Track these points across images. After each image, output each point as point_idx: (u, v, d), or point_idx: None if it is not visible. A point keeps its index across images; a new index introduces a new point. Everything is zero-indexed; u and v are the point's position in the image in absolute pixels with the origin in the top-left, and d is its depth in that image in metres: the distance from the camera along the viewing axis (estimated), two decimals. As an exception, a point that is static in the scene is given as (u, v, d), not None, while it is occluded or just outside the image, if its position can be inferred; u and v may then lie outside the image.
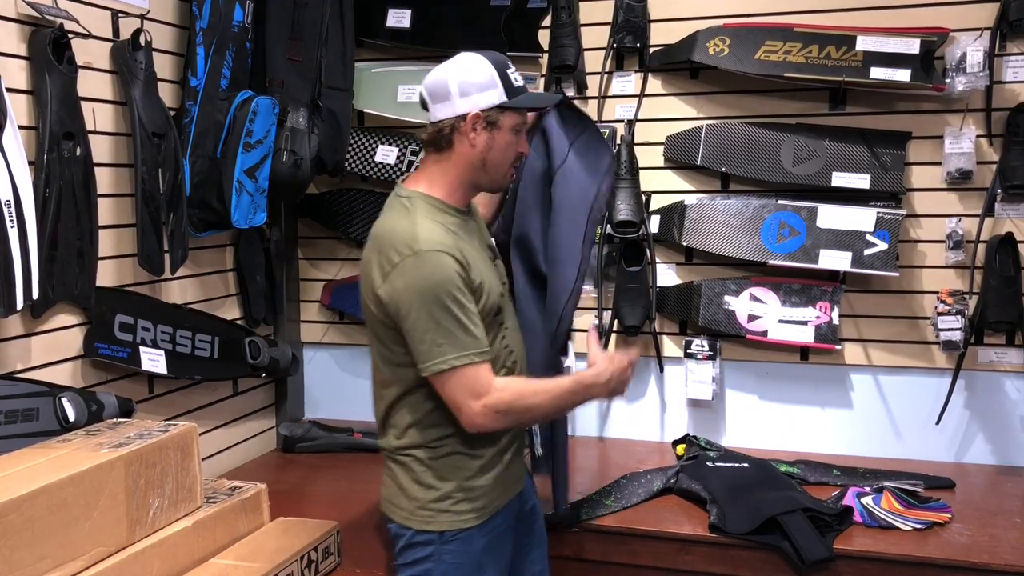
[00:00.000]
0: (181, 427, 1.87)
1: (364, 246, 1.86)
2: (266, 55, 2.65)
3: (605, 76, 2.97)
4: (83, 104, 2.18)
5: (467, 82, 1.76)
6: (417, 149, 3.06)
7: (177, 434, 1.84)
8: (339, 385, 3.31)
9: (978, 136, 2.69)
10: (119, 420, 2.04)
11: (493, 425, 1.76)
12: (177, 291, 2.59)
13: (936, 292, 2.74)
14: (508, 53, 2.92)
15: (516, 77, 1.80)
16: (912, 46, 2.62)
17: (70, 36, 2.13)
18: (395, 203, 1.85)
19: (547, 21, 2.98)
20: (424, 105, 1.84)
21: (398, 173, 3.06)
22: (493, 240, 2.04)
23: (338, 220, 3.18)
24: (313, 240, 3.28)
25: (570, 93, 3.00)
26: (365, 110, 3.08)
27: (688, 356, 2.89)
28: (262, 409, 3.04)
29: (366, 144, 3.09)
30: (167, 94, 2.45)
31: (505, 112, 1.78)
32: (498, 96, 1.76)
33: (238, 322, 2.86)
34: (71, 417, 2.03)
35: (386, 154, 3.08)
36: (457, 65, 1.79)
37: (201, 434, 2.66)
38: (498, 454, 1.88)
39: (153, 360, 2.38)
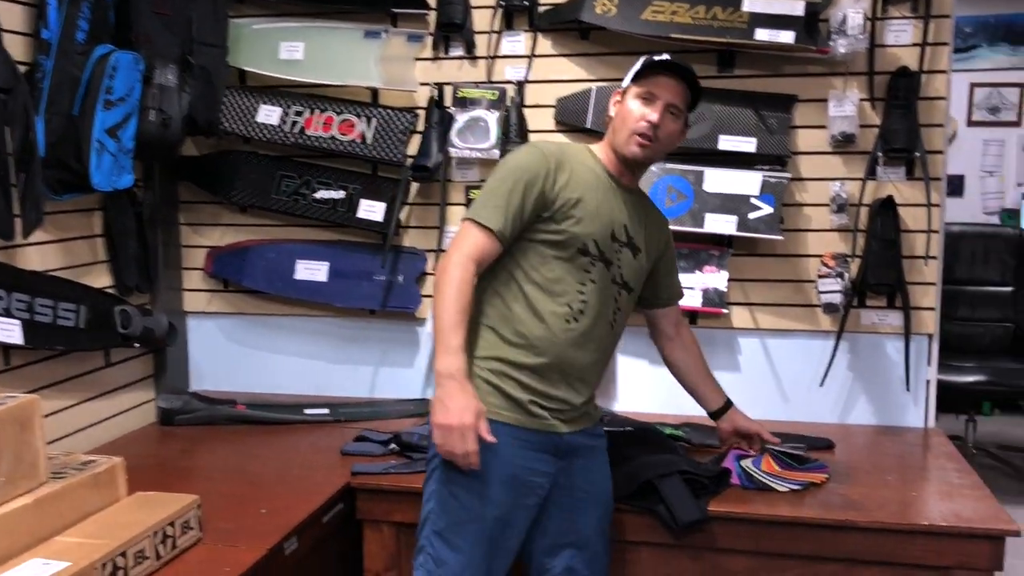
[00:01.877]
0: (20, 399, 1.75)
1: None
2: (130, 7, 2.50)
3: (494, 36, 2.90)
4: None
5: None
6: (301, 109, 2.95)
7: (15, 407, 1.72)
8: (225, 356, 3.20)
9: (861, 100, 2.70)
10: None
11: (437, 278, 1.93)
12: (36, 257, 2.45)
13: (821, 255, 2.76)
14: (393, 10, 2.91)
15: (651, 59, 2.05)
16: (796, 7, 2.61)
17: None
18: None
19: (434, -23, 2.89)
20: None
21: (281, 134, 2.94)
22: (650, 248, 2.16)
23: (220, 184, 3.05)
24: (195, 205, 3.15)
25: (458, 53, 2.92)
26: (245, 68, 2.95)
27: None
28: (139, 381, 2.91)
29: (247, 104, 2.97)
30: (17, 47, 2.29)
31: (632, 85, 2.04)
32: (632, 76, 2.06)
33: (108, 290, 2.73)
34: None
35: (268, 114, 2.96)
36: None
37: (69, 407, 2.57)
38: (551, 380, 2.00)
39: (7, 330, 2.25)
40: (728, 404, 2.38)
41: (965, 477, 2.37)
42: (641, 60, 2.06)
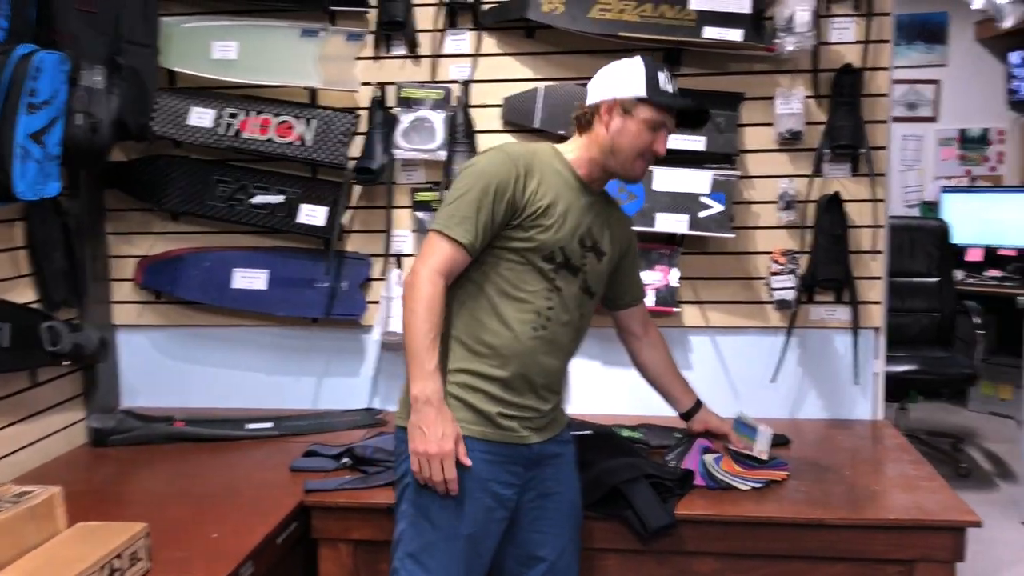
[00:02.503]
0: (-52, 430, 1.62)
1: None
2: (52, 4, 2.34)
3: (438, 34, 2.82)
4: None
5: (615, 74, 1.98)
6: (235, 111, 2.83)
7: (-56, 438, 1.59)
8: (158, 370, 3.05)
9: (807, 97, 2.72)
10: None
11: (405, 287, 1.87)
12: (-45, 273, 2.28)
13: (770, 252, 2.77)
14: (333, 8, 2.81)
15: (666, 81, 1.98)
16: (743, 5, 2.61)
17: None
18: None
19: (374, -26, 2.80)
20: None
21: (215, 137, 2.81)
22: (614, 250, 2.10)
23: (150, 190, 2.90)
24: (123, 213, 2.99)
25: (401, 52, 2.84)
26: (176, 69, 2.81)
27: (530, 325, 2.81)
28: (68, 400, 2.74)
29: (178, 106, 2.83)
30: (-70, 46, 2.13)
31: (641, 105, 1.94)
32: (638, 90, 1.94)
33: (33, 305, 2.56)
34: None
35: (201, 116, 2.82)
36: (614, 63, 2.02)
37: (-7, 433, 2.40)
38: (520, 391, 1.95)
39: (-75, 352, 2.08)
40: (699, 404, 2.37)
41: (921, 469, 2.40)
42: (648, 74, 1.95)
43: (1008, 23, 3.83)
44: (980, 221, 5.30)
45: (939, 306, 4.68)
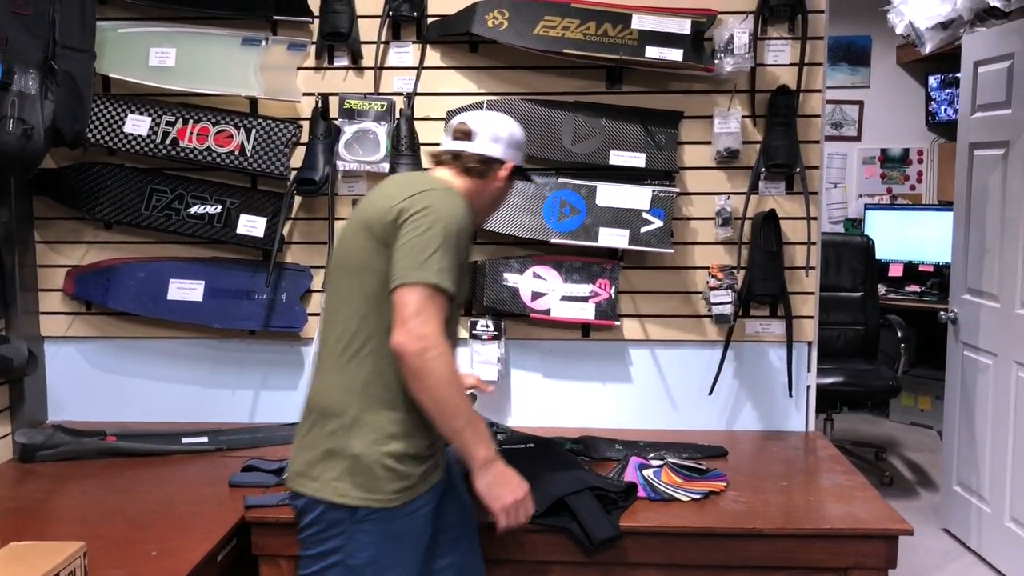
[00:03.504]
0: None
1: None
2: (-16, 6, 2.28)
3: (381, 46, 2.82)
4: None
5: (516, 138, 2.08)
6: (173, 119, 2.77)
7: None
8: (88, 383, 2.96)
9: (744, 116, 2.79)
10: None
11: (418, 354, 1.72)
12: None
13: (707, 267, 2.83)
14: (275, 17, 2.78)
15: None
16: (684, 27, 2.67)
17: None
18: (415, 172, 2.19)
19: (317, -16, 2.78)
20: (465, 134, 2.03)
21: (151, 145, 2.76)
22: None
23: (82, 198, 2.83)
24: (52, 221, 2.90)
25: (344, 63, 2.83)
26: (111, 75, 2.75)
27: (473, 337, 2.82)
28: (-6, 415, 2.65)
29: (113, 113, 2.77)
30: None
31: (514, 172, 2.08)
32: (521, 160, 2.11)
33: (-41, 317, 2.47)
34: None
35: (137, 124, 2.77)
36: (509, 122, 2.09)
37: (-86, 449, 2.30)
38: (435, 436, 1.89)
39: None
40: None
41: (853, 479, 2.47)
42: (524, 143, 2.11)
43: (928, 48, 3.99)
44: (901, 238, 5.50)
45: (863, 320, 4.83)
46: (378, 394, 1.84)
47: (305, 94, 2.82)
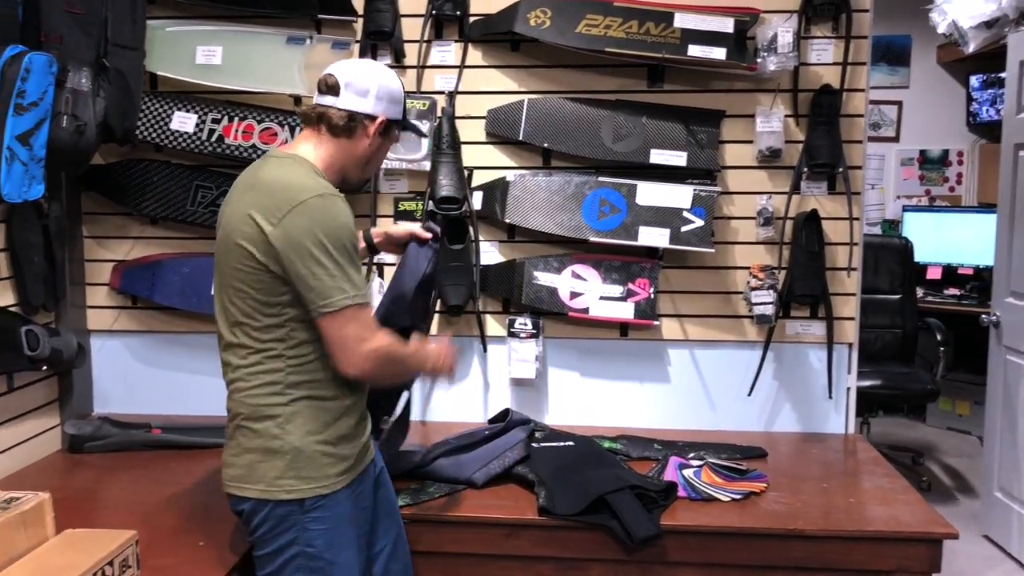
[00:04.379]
0: (-60, 434, 1.59)
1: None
2: (40, 5, 2.32)
3: (424, 45, 2.84)
4: None
5: (387, 90, 1.94)
6: (218, 117, 2.81)
7: (-65, 443, 1.56)
8: (132, 376, 3.01)
9: (786, 116, 2.78)
10: None
11: (373, 371, 1.83)
12: (-66, 275, 2.24)
13: (748, 267, 2.82)
14: (320, 16, 2.81)
15: (414, 124, 2.11)
16: (727, 25, 2.67)
17: None
18: (271, 161, 1.90)
19: (362, -17, 2.81)
20: (331, 88, 1.90)
21: (197, 142, 2.80)
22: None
23: (129, 194, 2.87)
24: (100, 216, 2.96)
25: (387, 61, 2.85)
26: (159, 73, 2.79)
27: (511, 335, 2.83)
28: (43, 406, 2.69)
29: (160, 110, 2.81)
30: (-85, 45, 2.10)
31: (396, 127, 1.99)
32: (398, 113, 1.98)
33: (12, 309, 2.52)
34: None
35: (183, 121, 2.81)
36: (380, 71, 1.96)
37: (-32, 438, 2.36)
38: (360, 415, 1.95)
39: (-96, 355, 2.04)
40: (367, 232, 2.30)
41: (895, 482, 2.46)
42: (404, 95, 2.01)
43: (971, 48, 3.94)
44: (939, 240, 5.43)
45: (901, 323, 4.78)
46: (305, 388, 1.84)
47: (348, 92, 2.84)
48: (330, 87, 1.90)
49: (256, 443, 1.85)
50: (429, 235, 2.20)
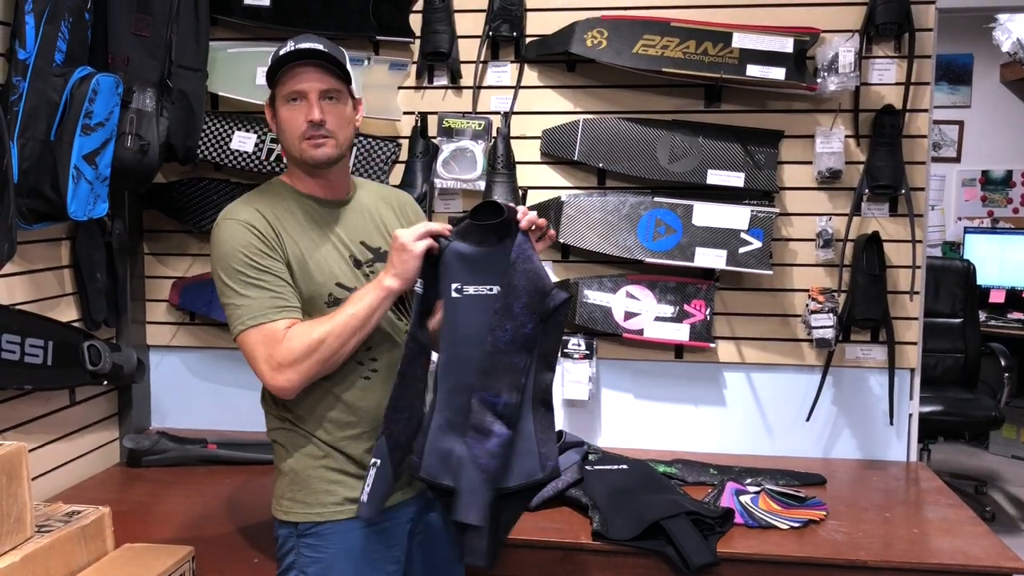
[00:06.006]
0: (7, 447, 1.62)
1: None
2: (108, 28, 2.38)
3: (480, 65, 2.85)
4: None
5: (270, 63, 1.89)
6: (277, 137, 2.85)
7: (2, 456, 1.59)
8: (190, 392, 3.06)
9: (847, 136, 2.73)
10: (-70, 440, 1.76)
11: (292, 380, 1.70)
12: (3, 290, 2.30)
13: (806, 290, 2.77)
14: (377, 37, 2.84)
15: (288, 47, 1.86)
16: (786, 45, 2.64)
17: None
18: None
19: (419, 5, 2.83)
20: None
21: (256, 162, 2.84)
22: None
23: (188, 212, 2.92)
24: (160, 234, 3.01)
25: (443, 82, 2.87)
26: (220, 93, 2.84)
27: (565, 356, 2.81)
28: (103, 420, 2.75)
29: (221, 130, 2.86)
30: (-11, 67, 2.16)
31: (272, 89, 1.88)
32: (264, 77, 1.90)
33: (75, 324, 2.57)
34: None
35: (243, 141, 2.85)
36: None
37: (32, 450, 2.40)
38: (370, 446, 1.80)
39: (-27, 369, 2.09)
40: None
41: (961, 512, 2.38)
42: (273, 56, 1.84)
43: (1037, 67, 3.86)
44: (1003, 262, 5.30)
45: (963, 347, 4.66)
46: (299, 413, 1.83)
47: (405, 113, 2.87)
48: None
49: (277, 461, 1.89)
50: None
